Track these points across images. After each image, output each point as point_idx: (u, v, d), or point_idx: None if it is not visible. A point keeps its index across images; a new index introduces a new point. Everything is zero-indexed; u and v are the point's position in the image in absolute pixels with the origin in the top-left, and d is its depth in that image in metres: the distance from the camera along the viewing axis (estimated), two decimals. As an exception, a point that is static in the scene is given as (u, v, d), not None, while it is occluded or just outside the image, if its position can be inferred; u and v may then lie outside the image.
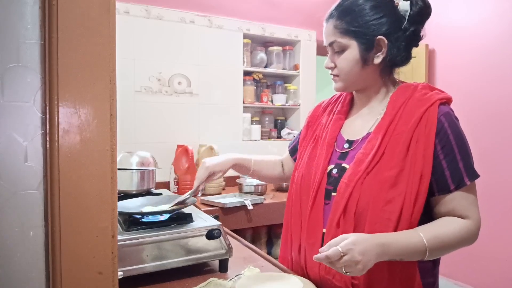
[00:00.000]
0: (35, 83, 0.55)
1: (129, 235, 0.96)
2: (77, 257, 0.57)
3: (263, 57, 2.91)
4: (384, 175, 0.87)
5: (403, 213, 0.85)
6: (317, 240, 0.94)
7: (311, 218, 0.97)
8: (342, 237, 0.79)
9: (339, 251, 0.76)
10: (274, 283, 0.89)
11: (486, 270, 2.57)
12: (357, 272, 0.77)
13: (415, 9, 0.93)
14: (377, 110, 0.99)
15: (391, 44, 0.93)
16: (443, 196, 0.89)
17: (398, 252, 0.82)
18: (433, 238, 0.84)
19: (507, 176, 2.45)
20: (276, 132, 3.05)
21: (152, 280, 0.97)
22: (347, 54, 0.94)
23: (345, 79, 0.97)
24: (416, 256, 0.85)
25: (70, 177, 0.56)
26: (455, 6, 2.78)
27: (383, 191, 0.86)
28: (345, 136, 1.01)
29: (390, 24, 0.92)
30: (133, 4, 2.44)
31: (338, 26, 0.94)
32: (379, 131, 0.92)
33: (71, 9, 0.55)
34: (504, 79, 2.48)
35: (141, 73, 2.48)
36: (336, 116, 1.06)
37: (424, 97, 0.92)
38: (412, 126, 0.88)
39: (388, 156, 0.88)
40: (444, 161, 0.87)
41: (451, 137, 0.88)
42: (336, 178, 0.95)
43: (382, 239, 0.81)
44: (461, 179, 0.87)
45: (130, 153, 1.64)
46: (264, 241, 2.52)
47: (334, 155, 1.00)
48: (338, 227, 0.90)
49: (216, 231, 1.03)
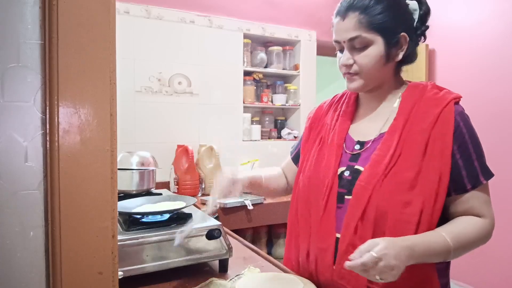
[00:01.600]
0: (35, 83, 0.55)
1: (129, 235, 0.96)
2: (77, 257, 0.57)
3: (263, 57, 2.91)
4: (403, 176, 0.85)
5: (423, 215, 0.83)
6: (330, 246, 0.91)
7: (322, 223, 0.93)
8: (373, 242, 0.76)
9: (374, 257, 0.72)
10: (274, 283, 0.89)
11: (486, 270, 2.57)
12: (391, 277, 0.74)
13: (425, 8, 0.94)
14: (387, 110, 0.96)
15: (410, 42, 0.93)
16: (459, 195, 0.88)
17: (424, 254, 0.80)
18: (456, 238, 0.83)
19: (508, 176, 2.45)
20: (276, 132, 3.05)
21: (152, 280, 0.97)
22: (371, 51, 0.90)
23: (366, 77, 0.92)
24: (441, 257, 0.83)
25: (70, 177, 0.56)
26: (455, 6, 2.78)
27: (402, 193, 0.84)
28: (354, 137, 0.98)
29: (407, 22, 0.93)
30: (133, 4, 2.44)
31: (362, 21, 0.88)
32: (394, 132, 0.89)
33: (71, 9, 0.55)
34: (504, 79, 2.48)
35: (141, 73, 2.48)
36: (342, 116, 1.02)
37: (437, 96, 0.91)
38: (429, 126, 0.87)
39: (405, 157, 0.86)
40: (460, 160, 0.87)
41: (467, 136, 0.87)
42: (350, 180, 0.92)
43: (409, 241, 0.79)
44: (477, 178, 0.87)
45: (130, 153, 1.64)
46: (264, 241, 2.52)
47: (344, 157, 0.96)
48: (356, 232, 0.86)
49: (216, 231, 1.03)
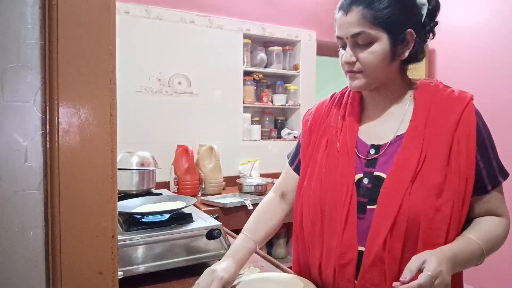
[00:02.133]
0: (35, 83, 0.55)
1: (129, 235, 0.96)
2: (77, 257, 0.57)
3: (263, 57, 2.91)
4: (431, 181, 0.80)
5: (452, 221, 0.80)
6: (351, 261, 0.84)
7: (344, 237, 0.85)
8: (421, 258, 0.71)
9: (430, 276, 0.68)
10: (274, 283, 0.89)
11: (486, 270, 2.57)
12: None
13: (433, 3, 0.89)
14: (399, 111, 0.91)
15: (417, 39, 0.88)
16: (481, 196, 0.85)
17: (464, 263, 0.78)
18: (486, 241, 0.82)
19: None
20: (276, 132, 3.05)
21: (152, 280, 0.97)
22: (375, 47, 0.84)
23: (370, 75, 0.87)
24: (475, 262, 0.81)
25: (70, 177, 0.56)
26: (455, 6, 2.78)
27: (431, 199, 0.79)
28: (366, 140, 0.91)
29: (415, 18, 0.88)
30: (133, 4, 2.44)
31: (366, 16, 0.83)
32: (415, 133, 0.84)
33: (71, 9, 0.55)
34: (504, 79, 2.48)
35: (141, 73, 2.48)
36: (349, 118, 0.94)
37: (454, 96, 0.87)
38: (452, 127, 0.83)
39: (431, 160, 0.82)
40: (481, 161, 0.84)
41: (485, 136, 0.85)
42: (370, 188, 0.85)
43: (451, 252, 0.76)
44: (496, 178, 0.85)
45: (130, 153, 1.64)
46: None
47: (358, 163, 0.89)
48: (385, 244, 0.81)
49: (216, 231, 1.03)
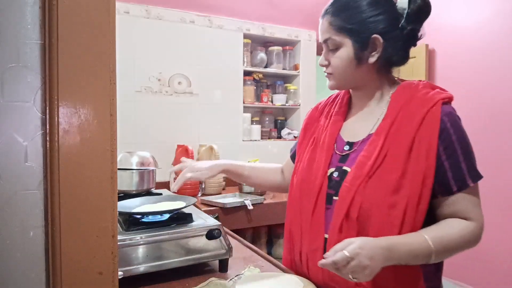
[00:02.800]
0: (35, 83, 0.55)
1: (129, 235, 0.96)
2: (77, 257, 0.57)
3: (263, 57, 2.91)
4: (387, 178, 0.84)
5: (406, 217, 0.83)
6: (319, 246, 0.91)
7: (312, 224, 0.93)
8: (348, 242, 0.76)
9: (346, 256, 0.73)
10: (274, 283, 0.89)
11: (486, 270, 2.57)
12: (364, 278, 0.75)
13: (413, 7, 0.89)
14: (377, 111, 0.96)
15: (387, 43, 0.90)
16: (445, 198, 0.87)
17: (404, 256, 0.79)
18: (438, 240, 0.82)
19: (508, 176, 2.45)
20: (276, 132, 3.05)
21: (152, 280, 0.97)
22: (341, 52, 0.91)
23: (339, 77, 0.94)
24: (422, 259, 0.82)
25: (70, 177, 0.56)
26: (455, 6, 2.78)
27: (386, 195, 0.84)
28: (344, 137, 0.98)
29: (387, 22, 0.89)
30: (133, 4, 2.44)
31: (333, 23, 0.91)
32: (381, 133, 0.89)
33: (71, 9, 0.55)
34: (504, 79, 2.48)
35: (141, 73, 2.48)
36: (334, 117, 1.02)
37: (426, 96, 0.89)
38: (415, 127, 0.86)
39: (391, 158, 0.86)
40: (446, 162, 0.85)
41: (454, 138, 0.85)
42: (338, 181, 0.92)
43: (388, 242, 0.78)
44: (463, 180, 0.85)
45: (130, 153, 1.64)
46: (264, 241, 2.52)
47: (334, 158, 0.96)
48: (341, 232, 0.87)
49: (216, 231, 1.03)
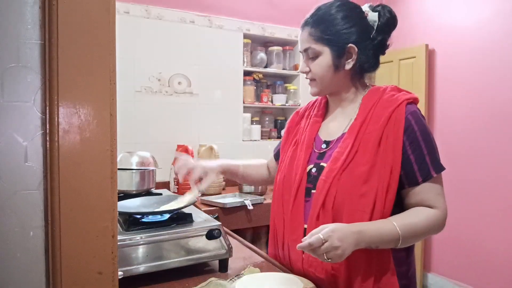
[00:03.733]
0: (35, 83, 0.55)
1: (129, 235, 0.96)
2: (77, 257, 0.57)
3: (263, 57, 2.91)
4: (358, 171, 0.94)
5: (376, 205, 0.92)
6: (299, 236, 0.98)
7: (292, 215, 1.03)
8: (322, 227, 0.86)
9: (320, 238, 0.82)
10: (274, 283, 0.89)
11: (486, 270, 2.57)
12: (337, 257, 0.83)
13: (382, 20, 1.02)
14: (350, 112, 1.06)
15: (360, 52, 1.01)
16: (412, 188, 0.96)
17: (373, 239, 0.88)
18: (404, 226, 0.91)
19: (508, 175, 2.45)
20: (276, 132, 3.05)
21: (152, 280, 0.97)
22: (320, 60, 1.02)
23: (320, 83, 1.05)
24: (391, 243, 0.91)
25: (70, 177, 0.56)
26: (455, 6, 2.77)
27: (357, 185, 0.93)
28: (322, 137, 1.09)
29: (360, 33, 1.01)
30: (133, 4, 2.44)
31: (312, 34, 1.03)
32: (353, 131, 0.99)
33: (71, 9, 0.55)
34: (504, 79, 2.48)
35: (141, 73, 2.48)
36: (313, 119, 1.14)
37: (392, 98, 1.00)
38: (382, 125, 0.96)
39: (361, 153, 0.96)
40: (412, 155, 0.95)
41: (418, 134, 0.95)
42: (316, 176, 1.02)
43: (358, 227, 0.88)
44: (427, 171, 0.95)
45: (130, 153, 1.64)
46: (264, 241, 2.52)
47: (313, 156, 1.06)
48: (318, 221, 0.96)
49: (216, 231, 1.03)
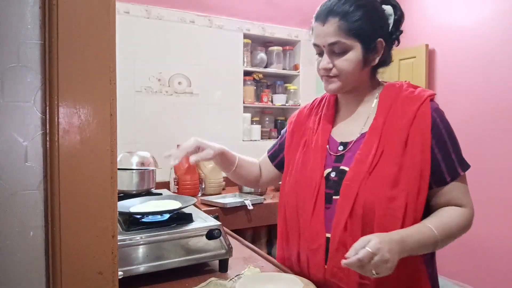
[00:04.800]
0: (35, 83, 0.55)
1: (129, 235, 0.96)
2: (77, 257, 0.57)
3: (263, 57, 2.91)
4: (386, 173, 0.89)
5: (408, 209, 0.87)
6: (320, 246, 0.93)
7: (312, 224, 0.95)
8: (366, 239, 0.79)
9: (369, 252, 0.75)
10: (274, 283, 0.89)
11: (486, 270, 2.57)
12: (386, 271, 0.78)
13: (399, 13, 0.99)
14: (366, 110, 1.01)
15: (386, 46, 0.98)
16: (440, 188, 0.92)
17: (414, 246, 0.83)
18: (441, 228, 0.87)
19: (509, 175, 2.45)
20: (276, 132, 3.05)
21: (152, 280, 0.97)
22: (350, 55, 0.94)
23: (344, 79, 0.96)
24: (429, 248, 0.87)
25: (70, 177, 0.56)
26: (455, 6, 2.77)
27: (386, 189, 0.88)
28: (337, 138, 1.01)
29: (384, 28, 0.98)
30: (133, 4, 2.43)
31: (342, 27, 0.92)
32: (375, 131, 0.94)
33: (71, 9, 0.55)
34: (504, 79, 2.48)
35: (141, 73, 2.48)
36: (324, 119, 1.06)
37: (413, 95, 0.95)
38: (407, 123, 0.91)
39: (387, 154, 0.90)
40: (439, 154, 0.91)
41: (443, 131, 0.92)
42: (336, 181, 0.95)
43: (400, 235, 0.82)
44: (455, 170, 0.92)
45: (130, 153, 1.64)
46: (264, 241, 2.52)
47: (329, 159, 0.99)
48: (346, 230, 0.89)
49: (216, 231, 1.03)
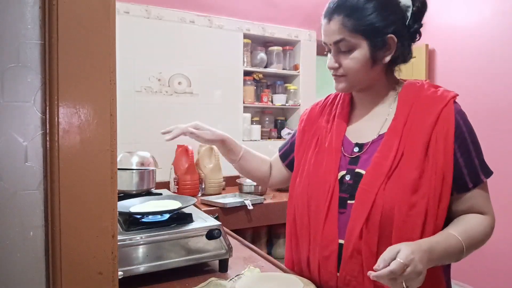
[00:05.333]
0: (35, 83, 0.55)
1: (129, 235, 0.96)
2: (77, 257, 0.57)
3: (263, 57, 2.91)
4: (406, 178, 0.83)
5: (428, 217, 0.82)
6: (333, 253, 0.89)
7: (325, 230, 0.90)
8: (395, 248, 0.73)
9: (402, 263, 0.70)
10: (274, 283, 0.89)
11: (486, 269, 2.57)
12: (417, 282, 0.73)
13: (418, 5, 0.91)
14: (384, 110, 0.95)
15: (399, 43, 0.90)
16: (462, 194, 0.87)
17: (441, 256, 0.79)
18: (466, 237, 0.83)
19: (508, 174, 2.45)
20: (276, 132, 3.05)
21: (152, 280, 0.97)
22: (356, 54, 0.89)
23: (352, 79, 0.92)
24: (455, 257, 0.83)
25: (70, 177, 0.56)
26: (455, 6, 2.77)
27: (406, 195, 0.82)
28: (352, 139, 0.96)
29: (397, 22, 0.89)
30: (133, 4, 2.43)
31: (346, 24, 0.87)
32: (395, 132, 0.88)
33: (71, 9, 0.55)
34: (504, 79, 2.48)
35: (141, 73, 2.48)
36: (338, 119, 1.00)
37: (436, 95, 0.89)
38: (430, 126, 0.85)
39: (408, 157, 0.85)
40: (461, 159, 0.86)
41: (466, 135, 0.87)
42: (351, 184, 0.90)
43: (428, 244, 0.77)
44: (477, 176, 0.87)
45: (130, 153, 1.64)
46: (264, 241, 2.52)
47: (343, 161, 0.93)
48: (361, 238, 0.84)
49: (216, 231, 1.03)
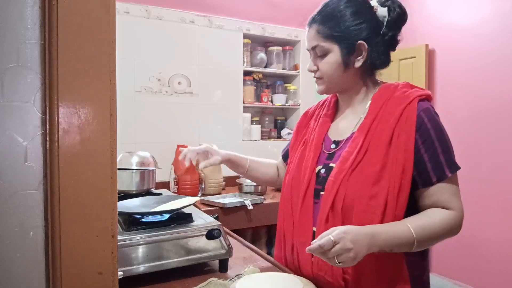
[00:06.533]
0: (35, 83, 0.55)
1: (129, 235, 0.96)
2: (77, 257, 0.57)
3: (263, 57, 2.91)
4: (368, 171, 0.91)
5: (388, 207, 0.88)
6: (308, 239, 0.96)
7: (301, 217, 1.00)
8: (333, 229, 0.82)
9: (331, 240, 0.78)
10: (274, 283, 0.89)
11: (486, 269, 2.57)
12: (349, 261, 0.79)
13: (393, 15, 0.97)
14: (359, 110, 1.03)
15: (371, 49, 0.97)
16: (426, 188, 0.92)
17: (387, 243, 0.84)
18: (420, 228, 0.87)
19: (508, 175, 2.45)
20: (276, 132, 3.05)
21: (152, 280, 0.97)
22: (329, 58, 0.99)
23: (328, 81, 1.01)
24: (405, 247, 0.87)
25: (70, 177, 0.56)
26: (455, 6, 2.77)
27: (367, 186, 0.90)
28: (332, 137, 1.05)
29: (370, 29, 0.97)
30: (133, 4, 2.44)
31: (320, 31, 0.99)
32: (363, 130, 0.96)
33: (71, 9, 0.55)
34: (504, 79, 2.48)
35: (141, 73, 2.48)
36: (322, 119, 1.11)
37: (404, 95, 0.96)
38: (393, 123, 0.92)
39: (371, 153, 0.92)
40: (425, 154, 0.91)
41: (432, 132, 0.91)
42: (325, 177, 0.99)
43: (371, 229, 0.84)
44: (442, 171, 0.91)
45: (130, 153, 1.64)
46: (264, 241, 2.52)
47: (322, 156, 1.03)
48: (327, 223, 0.93)
49: (216, 231, 1.03)
